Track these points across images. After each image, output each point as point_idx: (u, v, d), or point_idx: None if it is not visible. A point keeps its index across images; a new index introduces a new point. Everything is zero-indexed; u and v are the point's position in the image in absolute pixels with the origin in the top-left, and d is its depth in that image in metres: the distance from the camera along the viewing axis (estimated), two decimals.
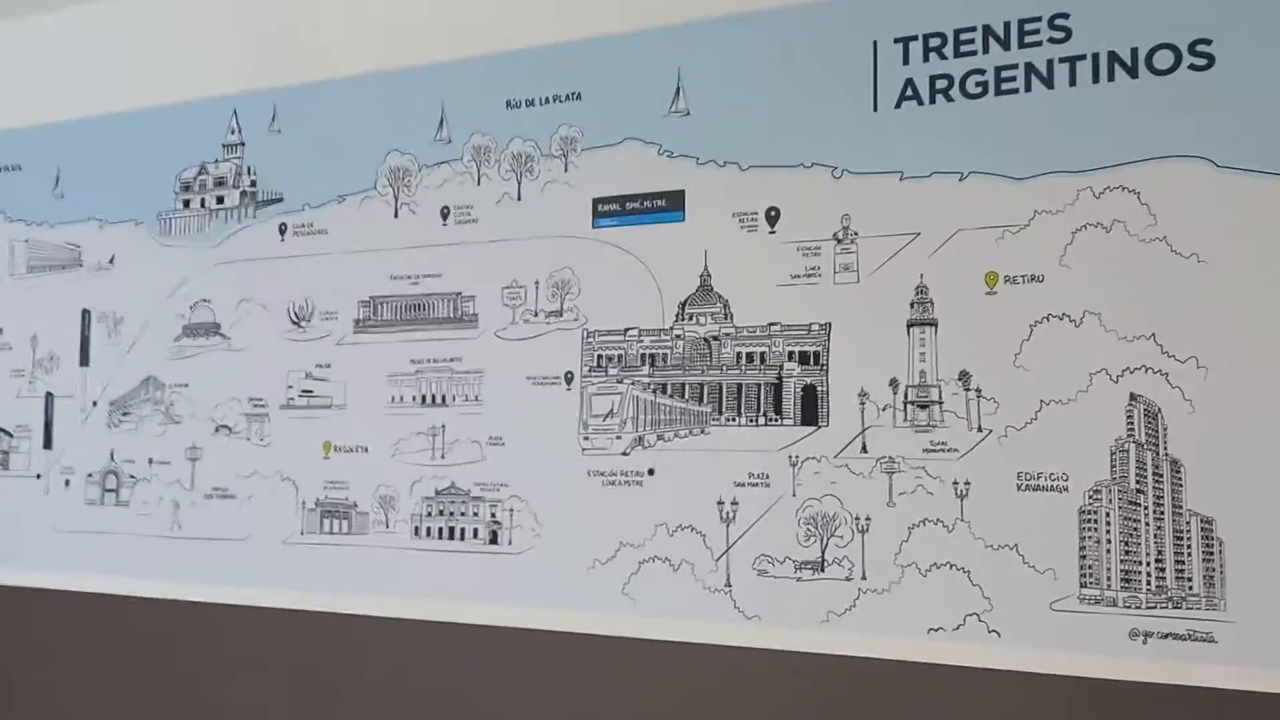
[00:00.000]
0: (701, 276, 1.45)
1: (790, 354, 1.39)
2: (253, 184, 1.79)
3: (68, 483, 1.91)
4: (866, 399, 1.34)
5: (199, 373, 1.80)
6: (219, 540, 1.76)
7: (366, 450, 1.66)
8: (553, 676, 1.50)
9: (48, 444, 1.94)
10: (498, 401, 1.57)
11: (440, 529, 1.59)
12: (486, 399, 1.58)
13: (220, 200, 1.82)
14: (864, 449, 1.34)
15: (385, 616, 1.62)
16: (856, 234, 1.36)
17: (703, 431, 1.43)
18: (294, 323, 1.73)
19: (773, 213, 1.41)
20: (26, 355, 1.97)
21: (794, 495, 1.37)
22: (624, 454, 1.48)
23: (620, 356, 1.49)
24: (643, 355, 1.48)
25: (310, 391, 1.71)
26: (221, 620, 1.75)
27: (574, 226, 1.54)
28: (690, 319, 1.45)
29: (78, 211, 1.94)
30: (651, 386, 1.47)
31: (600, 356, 1.51)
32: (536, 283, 1.56)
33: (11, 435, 1.97)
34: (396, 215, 1.67)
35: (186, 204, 1.84)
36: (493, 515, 1.56)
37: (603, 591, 1.47)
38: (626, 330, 1.49)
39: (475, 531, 1.57)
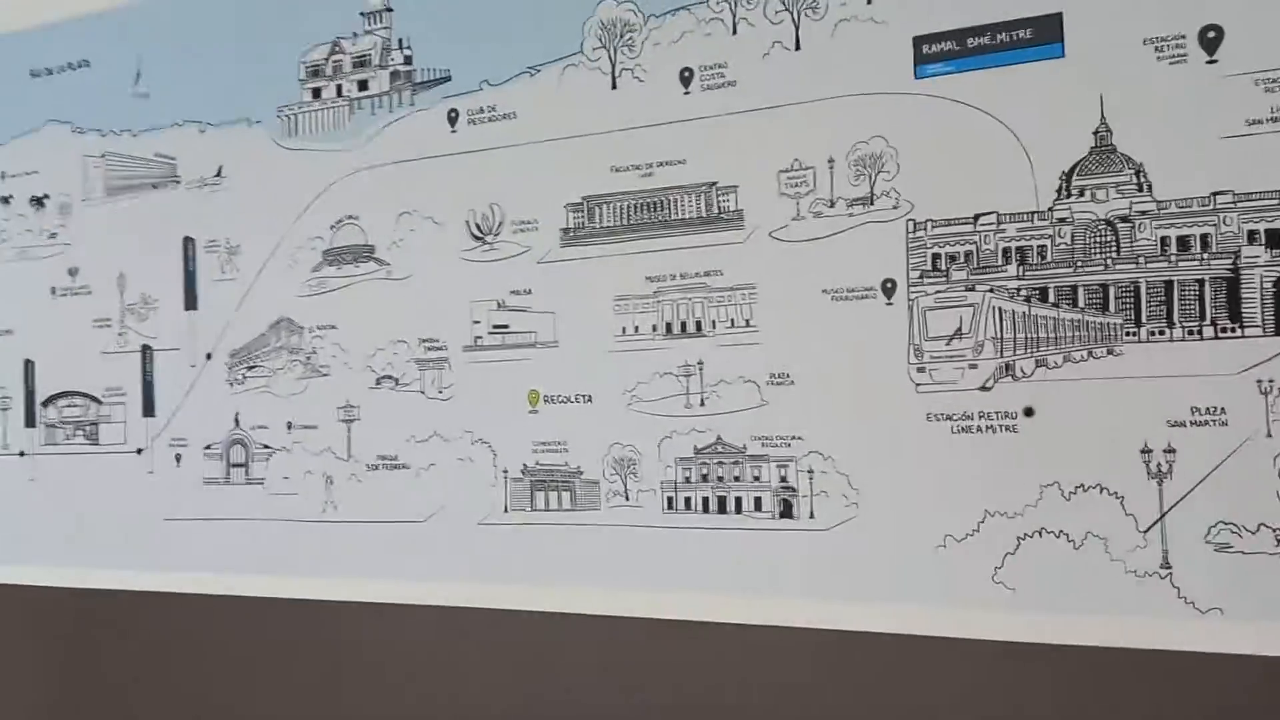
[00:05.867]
0: (1097, 133, 1.03)
1: (1251, 234, 0.97)
2: (407, 61, 1.37)
3: (179, 458, 1.51)
4: None
5: (349, 311, 1.39)
6: (389, 524, 1.36)
7: (590, 400, 1.25)
8: (888, 694, 1.10)
9: (149, 410, 1.54)
10: (779, 326, 1.16)
11: (705, 500, 1.19)
12: (763, 324, 1.17)
13: (363, 86, 1.39)
14: None
15: (628, 616, 1.22)
16: None
17: (1110, 352, 1.02)
18: (476, 238, 1.32)
19: (1210, 34, 0.99)
20: (112, 299, 1.57)
21: (1269, 435, 0.95)
22: (984, 389, 1.07)
23: (969, 254, 1.08)
24: (1006, 250, 1.06)
25: (505, 327, 1.30)
26: (398, 626, 1.35)
27: (886, 79, 1.11)
28: (1082, 194, 1.03)
29: (169, 114, 1.52)
30: (1023, 292, 1.06)
31: (937, 256, 1.09)
32: (830, 161, 1.14)
33: (100, 401, 1.58)
34: (615, 86, 1.25)
35: (317, 94, 1.42)
36: (783, 479, 1.15)
37: (962, 579, 1.06)
38: (978, 217, 1.07)
39: (758, 502, 1.16)
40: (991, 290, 1.07)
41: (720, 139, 1.19)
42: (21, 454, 1.64)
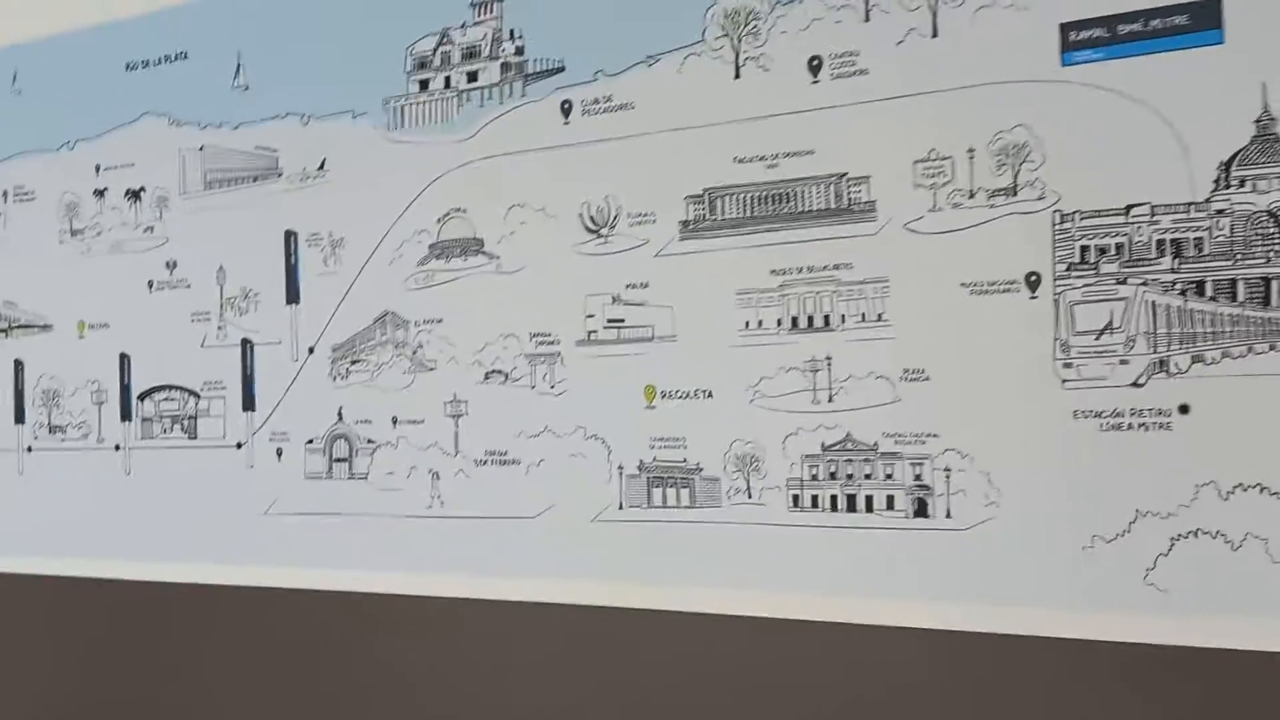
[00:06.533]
0: (1259, 123, 0.99)
1: None
2: (519, 51, 1.35)
3: (280, 452, 1.50)
4: None
5: (457, 304, 1.38)
6: (499, 519, 1.34)
7: (710, 395, 1.23)
8: (1031, 699, 1.08)
9: (249, 404, 1.53)
10: (914, 320, 1.13)
11: (834, 498, 1.16)
12: (896, 318, 1.14)
13: (473, 77, 1.37)
14: None
15: (755, 616, 1.20)
16: None
17: (1272, 348, 0.99)
18: (591, 231, 1.30)
19: None
20: (211, 293, 1.56)
21: None
22: (1135, 385, 1.04)
23: (1121, 246, 1.04)
24: (1160, 242, 1.03)
25: (620, 321, 1.28)
26: (511, 622, 1.34)
27: (1030, 66, 1.08)
28: (1242, 185, 1.00)
29: (270, 106, 1.51)
30: (1178, 286, 1.03)
31: (1086, 248, 1.06)
32: (971, 151, 1.11)
33: (199, 395, 1.57)
34: (738, 75, 1.22)
35: (424, 85, 1.41)
36: (917, 478, 1.13)
37: (1111, 581, 1.03)
38: (1130, 208, 1.04)
39: (890, 500, 1.14)
40: (1145, 284, 1.04)
41: (851, 129, 1.16)
42: (117, 448, 1.63)
